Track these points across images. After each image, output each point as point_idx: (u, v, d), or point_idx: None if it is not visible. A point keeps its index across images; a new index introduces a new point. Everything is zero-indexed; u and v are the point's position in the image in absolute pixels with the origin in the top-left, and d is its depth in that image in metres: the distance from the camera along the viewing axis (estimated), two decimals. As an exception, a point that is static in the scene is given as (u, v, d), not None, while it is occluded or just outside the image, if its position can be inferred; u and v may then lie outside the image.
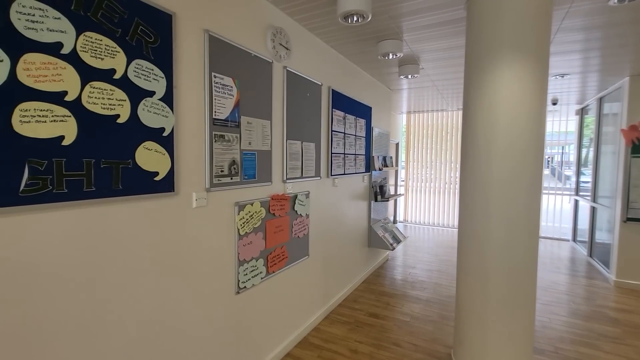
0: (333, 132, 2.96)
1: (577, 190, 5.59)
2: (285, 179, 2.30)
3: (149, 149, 1.36)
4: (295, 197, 2.42)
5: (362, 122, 3.62)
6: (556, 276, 4.08)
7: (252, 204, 1.98)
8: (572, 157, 6.18)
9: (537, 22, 1.78)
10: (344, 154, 3.21)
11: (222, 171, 1.75)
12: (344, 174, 3.22)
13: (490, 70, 1.85)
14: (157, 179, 1.40)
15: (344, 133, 3.19)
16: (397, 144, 7.27)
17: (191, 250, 1.60)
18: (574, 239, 5.69)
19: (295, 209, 2.43)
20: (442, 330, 2.75)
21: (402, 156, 7.55)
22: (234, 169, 1.84)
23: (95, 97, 1.17)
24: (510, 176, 1.84)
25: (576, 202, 5.64)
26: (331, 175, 2.95)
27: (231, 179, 1.82)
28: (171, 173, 1.46)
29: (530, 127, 1.81)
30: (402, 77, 3.48)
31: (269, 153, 2.13)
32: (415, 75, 3.44)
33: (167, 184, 1.45)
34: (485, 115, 1.89)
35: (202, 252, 1.67)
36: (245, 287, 1.95)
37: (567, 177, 7.05)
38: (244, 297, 1.96)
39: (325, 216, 2.90)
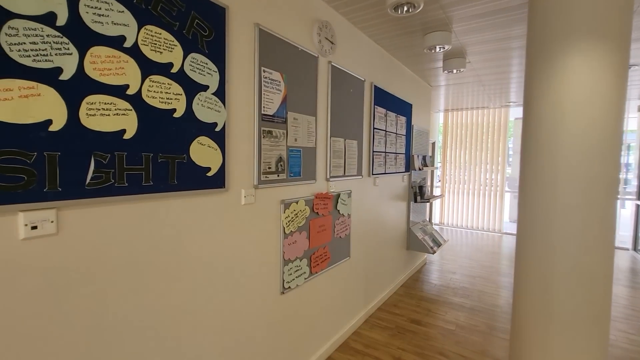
0: (375, 130, 2.86)
1: (639, 195, 5.07)
2: (328, 177, 2.24)
3: (202, 144, 1.35)
4: (338, 196, 2.35)
5: (402, 119, 3.48)
6: (617, 288, 3.71)
7: (297, 202, 1.93)
8: (633, 159, 5.63)
9: (619, 1, 1.58)
10: (385, 152, 3.09)
11: (269, 168, 1.71)
12: (385, 173, 3.11)
13: (559, 60, 1.67)
14: (209, 174, 1.38)
15: (385, 131, 3.08)
16: (434, 144, 7.01)
17: (240, 247, 1.57)
18: (635, 248, 5.17)
19: (338, 208, 2.36)
20: (492, 342, 2.56)
21: (438, 157, 7.26)
22: (281, 165, 1.79)
23: (154, 91, 1.17)
24: (583, 178, 1.65)
25: (637, 207, 5.12)
26: (372, 174, 2.85)
27: (278, 176, 1.78)
28: (222, 169, 1.44)
29: (606, 125, 1.61)
30: (445, 71, 3.31)
31: (314, 150, 2.07)
32: (461, 70, 3.26)
33: (218, 180, 1.43)
34: (551, 110, 1.71)
35: (250, 250, 1.64)
36: (289, 287, 1.91)
37: (627, 181, 6.44)
38: (288, 297, 1.92)
39: (366, 216, 2.81)
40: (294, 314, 1.97)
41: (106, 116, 1.04)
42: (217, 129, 1.41)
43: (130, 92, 1.10)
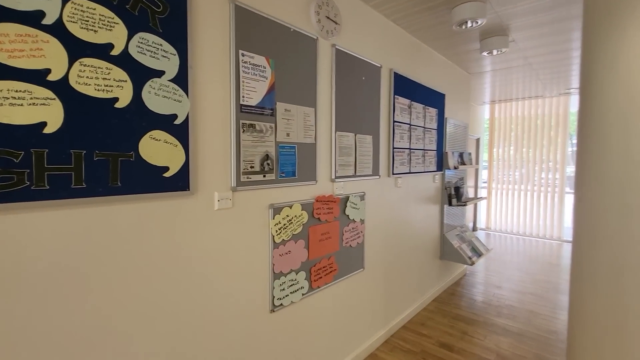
0: (395, 123, 2.50)
1: None
2: (334, 177, 1.95)
3: (156, 139, 1.15)
4: (347, 199, 2.05)
5: (432, 111, 3.06)
6: None
7: (290, 207, 1.67)
8: None
9: None
10: (409, 149, 2.71)
11: (252, 167, 1.48)
12: (409, 173, 2.72)
13: (631, 26, 1.21)
14: (167, 175, 1.18)
15: (410, 124, 2.70)
16: (478, 140, 6.31)
17: (212, 260, 1.35)
18: None
19: (347, 213, 2.05)
20: (543, 379, 2.07)
21: (484, 155, 6.53)
22: (268, 164, 1.55)
23: (88, 77, 0.99)
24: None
25: None
26: (393, 173, 2.50)
27: (264, 176, 1.54)
28: (185, 168, 1.23)
29: None
30: (484, 53, 2.83)
31: (313, 146, 1.80)
32: (503, 50, 2.76)
33: (180, 181, 1.22)
34: (621, 92, 1.25)
35: (227, 263, 1.41)
36: (281, 304, 1.65)
37: None
38: (281, 316, 1.67)
39: (385, 222, 2.46)
40: (287, 335, 1.71)
41: (18, 106, 0.87)
42: (178, 121, 1.20)
43: (52, 77, 0.93)
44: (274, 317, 1.63)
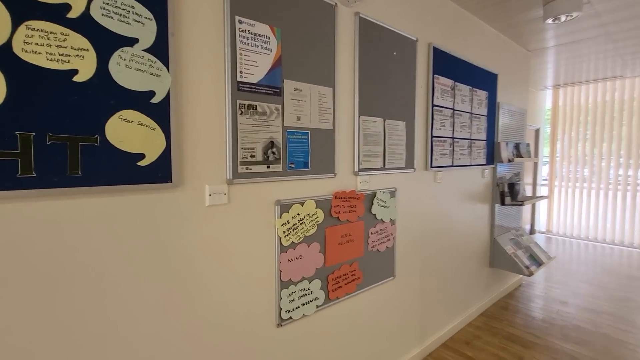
0: (435, 108, 2.13)
1: None
2: (357, 169, 1.66)
3: (128, 121, 0.96)
4: (374, 195, 1.75)
5: (481, 94, 2.61)
6: None
7: (302, 204, 1.42)
8: None
9: None
10: (452, 138, 2.31)
11: (252, 156, 1.25)
12: (452, 166, 2.33)
13: None
14: (142, 163, 0.99)
15: (453, 109, 2.30)
16: (537, 131, 5.55)
17: (202, 264, 1.15)
18: None
19: (374, 212, 1.75)
20: None
21: (545, 149, 5.73)
22: (273, 153, 1.31)
23: (37, 44, 0.82)
24: None
25: None
26: (431, 167, 2.13)
27: (268, 167, 1.30)
28: (166, 156, 1.04)
29: None
30: (549, 21, 2.33)
31: (331, 133, 1.53)
32: (573, 16, 2.24)
33: (159, 172, 1.03)
34: None
35: (222, 269, 1.20)
36: (291, 317, 1.41)
37: None
38: (290, 331, 1.43)
39: (421, 223, 2.11)
40: (298, 355, 1.47)
41: (-55, 77, 0.72)
42: (156, 99, 1.01)
43: (-10, 44, 0.77)
44: (282, 332, 1.40)
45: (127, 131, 0.96)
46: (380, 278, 1.84)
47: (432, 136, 2.13)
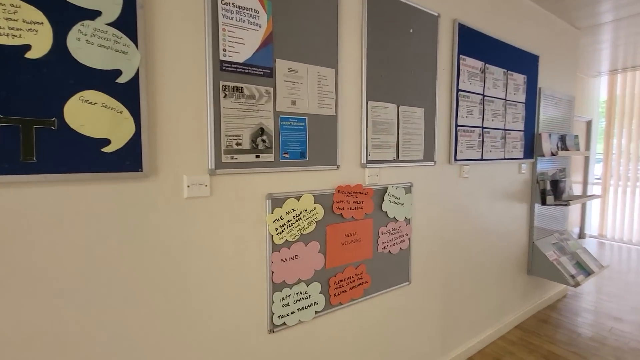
0: (460, 93, 1.89)
1: None
2: (364, 161, 1.49)
3: (90, 102, 0.87)
4: (385, 190, 1.56)
5: (518, 79, 2.30)
6: None
7: (298, 199, 1.28)
8: None
9: None
10: (481, 127, 2.05)
11: (238, 144, 1.13)
12: (481, 160, 2.06)
13: None
14: (107, 150, 0.90)
15: (482, 95, 2.03)
16: (589, 124, 4.95)
17: (182, 262, 1.05)
18: None
19: (385, 209, 1.57)
20: None
21: (598, 146, 5.09)
22: (263, 141, 1.18)
23: (-17, 16, 0.75)
24: None
25: None
26: (456, 160, 1.89)
27: (257, 157, 1.17)
28: (136, 142, 0.94)
29: None
30: (603, -11, 1.97)
31: (333, 120, 1.36)
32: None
33: (128, 159, 0.93)
34: None
35: (206, 267, 1.09)
36: (284, 323, 1.28)
37: None
38: (283, 338, 1.29)
39: (443, 223, 1.88)
40: (295, 364, 1.33)
41: None
42: (122, 79, 0.91)
43: None
44: (274, 339, 1.27)
45: (89, 114, 0.87)
46: (393, 283, 1.65)
47: (457, 125, 1.89)
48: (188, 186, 1.04)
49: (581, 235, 5.09)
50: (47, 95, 0.82)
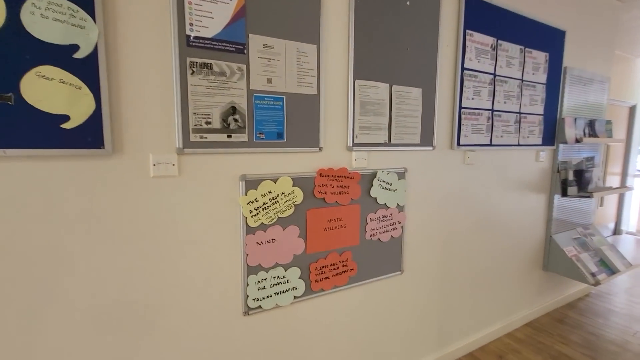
0: (466, 72, 1.74)
1: None
2: (351, 144, 1.41)
3: (47, 78, 0.87)
4: (374, 175, 1.48)
5: (539, 57, 2.09)
6: None
7: (275, 181, 1.24)
8: None
9: None
10: (491, 110, 1.89)
11: (208, 123, 1.10)
12: (490, 145, 1.91)
13: None
14: (66, 126, 0.90)
15: (493, 74, 1.87)
16: (632, 108, 4.48)
17: (148, 244, 1.05)
18: None
19: (374, 194, 1.49)
20: None
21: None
22: (235, 120, 1.14)
23: None
24: None
25: None
26: (458, 145, 1.76)
27: (229, 136, 1.14)
28: (97, 119, 0.93)
29: None
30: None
31: (315, 99, 1.30)
32: None
33: (88, 136, 0.93)
34: None
35: (175, 247, 1.09)
36: (260, 307, 1.26)
37: None
38: (259, 321, 1.28)
39: (442, 211, 1.77)
40: (271, 349, 1.32)
41: None
42: (80, 54, 0.90)
43: None
44: (250, 321, 1.26)
45: (47, 89, 0.87)
46: (383, 272, 1.58)
47: (461, 107, 1.75)
48: (154, 165, 1.03)
49: (617, 231, 4.69)
50: (2, 70, 0.82)
